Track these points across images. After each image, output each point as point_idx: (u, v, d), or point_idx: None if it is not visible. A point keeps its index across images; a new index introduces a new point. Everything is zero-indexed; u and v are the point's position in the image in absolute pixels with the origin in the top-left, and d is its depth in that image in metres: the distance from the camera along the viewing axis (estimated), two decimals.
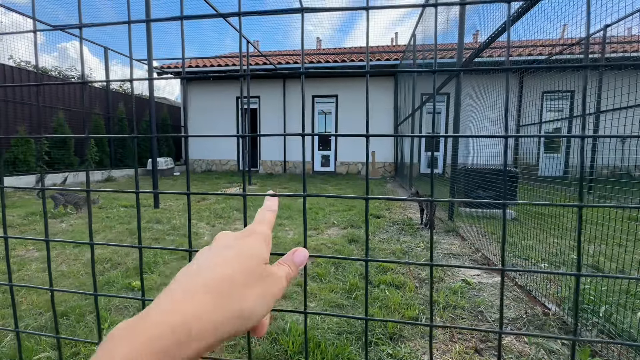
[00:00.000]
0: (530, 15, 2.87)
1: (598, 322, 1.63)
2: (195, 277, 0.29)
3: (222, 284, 0.29)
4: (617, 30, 5.25)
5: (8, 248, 0.60)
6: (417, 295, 2.16)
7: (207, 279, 0.29)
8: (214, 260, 0.31)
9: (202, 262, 0.31)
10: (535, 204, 0.38)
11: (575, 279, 0.36)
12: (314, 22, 15.60)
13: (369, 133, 0.39)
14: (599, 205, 0.34)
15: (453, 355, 1.54)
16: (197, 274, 0.29)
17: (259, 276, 0.32)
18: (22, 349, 1.55)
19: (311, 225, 4.00)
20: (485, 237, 3.45)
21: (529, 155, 5.70)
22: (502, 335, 0.37)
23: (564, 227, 2.84)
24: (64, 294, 2.06)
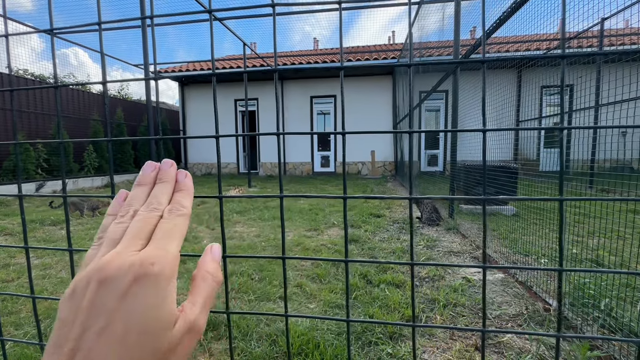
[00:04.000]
0: (526, 9, 2.85)
1: (599, 316, 1.61)
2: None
3: None
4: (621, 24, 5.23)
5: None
6: (417, 293, 2.15)
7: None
8: (86, 344, 0.21)
9: (63, 341, 0.21)
10: (516, 199, 0.37)
11: (558, 274, 0.35)
12: (311, 23, 15.62)
13: (344, 130, 0.39)
14: (580, 199, 0.33)
15: (453, 353, 1.53)
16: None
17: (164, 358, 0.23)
18: (23, 356, 1.54)
19: (311, 226, 3.99)
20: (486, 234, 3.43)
21: (529, 151, 5.69)
22: (485, 333, 0.36)
23: (565, 222, 2.82)
24: None
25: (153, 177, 0.32)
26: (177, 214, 0.29)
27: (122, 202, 0.31)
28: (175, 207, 0.30)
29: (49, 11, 0.42)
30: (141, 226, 0.28)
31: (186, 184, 0.32)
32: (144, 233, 0.27)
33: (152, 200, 0.30)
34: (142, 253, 0.25)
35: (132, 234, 0.27)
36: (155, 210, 0.29)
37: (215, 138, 0.41)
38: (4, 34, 0.47)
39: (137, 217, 0.28)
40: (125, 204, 0.30)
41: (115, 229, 0.28)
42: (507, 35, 3.89)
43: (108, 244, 0.27)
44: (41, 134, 7.84)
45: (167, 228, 0.28)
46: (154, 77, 0.42)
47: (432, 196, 0.36)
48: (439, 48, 6.19)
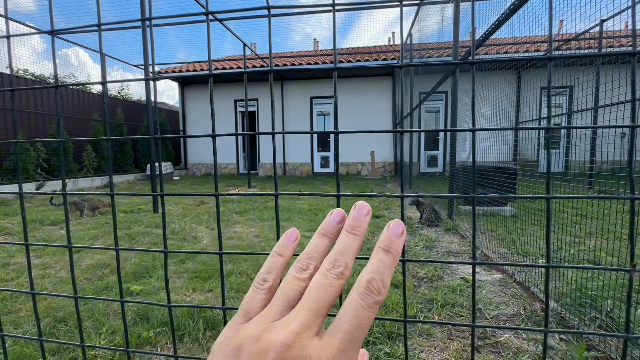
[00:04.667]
0: (525, 11, 2.86)
1: (597, 317, 1.62)
2: None
3: None
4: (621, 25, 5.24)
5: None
6: (415, 294, 2.15)
7: None
8: None
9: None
10: (507, 196, 0.38)
11: (546, 271, 0.36)
12: (312, 24, 15.64)
13: (338, 130, 0.40)
14: (567, 197, 0.34)
15: (451, 353, 1.53)
16: None
17: None
18: (22, 355, 1.55)
19: (310, 226, 4.00)
20: (484, 235, 3.44)
21: (528, 152, 5.69)
22: (474, 329, 0.37)
23: (563, 223, 2.83)
24: (61, 300, 2.06)
25: (339, 228, 0.28)
26: (375, 299, 0.24)
27: (291, 243, 0.29)
28: (375, 282, 0.25)
29: (50, 12, 0.43)
30: (323, 296, 0.24)
31: (397, 245, 0.27)
32: (325, 306, 0.24)
33: (339, 260, 0.26)
34: (324, 351, 0.22)
35: (313, 306, 0.24)
36: (341, 277, 0.25)
37: (212, 137, 0.42)
38: (5, 34, 0.48)
39: (319, 279, 0.25)
40: (306, 255, 0.27)
41: (292, 286, 0.26)
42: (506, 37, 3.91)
43: (281, 301, 0.25)
44: (41, 134, 7.85)
45: (359, 320, 0.23)
46: (152, 78, 0.43)
47: (424, 194, 0.37)
48: (439, 49, 6.21)
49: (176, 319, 1.80)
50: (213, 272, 2.51)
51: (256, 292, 0.26)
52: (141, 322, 1.81)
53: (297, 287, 0.25)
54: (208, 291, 2.24)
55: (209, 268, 2.58)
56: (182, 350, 1.61)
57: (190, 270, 2.58)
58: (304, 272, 0.26)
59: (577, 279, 1.89)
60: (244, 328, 0.24)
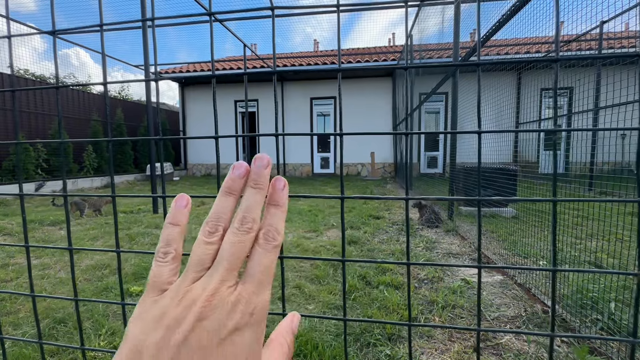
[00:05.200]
0: (525, 12, 2.86)
1: (599, 319, 1.61)
2: None
3: None
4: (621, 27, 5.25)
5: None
6: (416, 295, 2.15)
7: None
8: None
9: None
10: (510, 199, 0.37)
11: (552, 274, 0.36)
12: (312, 24, 15.65)
13: (342, 132, 0.39)
14: (573, 200, 0.33)
15: (452, 354, 1.53)
16: None
17: None
18: (22, 356, 1.54)
19: (310, 227, 3.99)
20: (485, 236, 3.43)
21: (529, 153, 5.69)
22: (479, 333, 0.37)
23: (565, 224, 2.83)
24: (61, 302, 2.06)
25: (243, 184, 0.29)
26: (273, 244, 0.27)
27: (183, 209, 0.29)
28: (270, 232, 0.27)
29: (52, 13, 0.43)
30: (235, 253, 0.25)
31: (283, 198, 0.29)
32: (238, 261, 0.25)
33: (247, 216, 0.27)
34: (241, 295, 0.24)
35: (227, 264, 0.25)
36: (250, 231, 0.26)
37: (214, 139, 0.42)
38: (6, 35, 0.48)
39: (230, 237, 0.26)
40: (213, 217, 0.27)
41: (204, 249, 0.26)
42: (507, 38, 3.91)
43: (195, 268, 0.25)
44: (41, 134, 7.85)
45: (265, 265, 0.26)
46: (154, 79, 0.42)
47: (428, 197, 0.36)
48: (439, 50, 6.21)
49: None
50: None
51: (161, 265, 0.26)
52: None
53: (209, 251, 0.26)
54: None
55: None
56: None
57: None
58: (214, 236, 0.27)
59: (578, 281, 1.89)
60: (162, 298, 0.24)
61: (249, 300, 0.24)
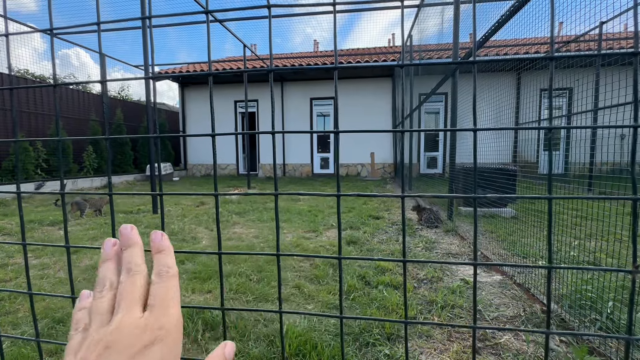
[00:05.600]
0: (525, 13, 2.87)
1: (597, 319, 1.61)
2: None
3: None
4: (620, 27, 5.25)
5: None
6: (415, 295, 2.15)
7: None
8: None
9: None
10: (508, 197, 0.38)
11: (548, 272, 0.36)
12: (312, 25, 15.67)
13: (338, 129, 0.39)
14: (569, 197, 0.33)
15: (451, 354, 1.53)
16: None
17: None
18: (20, 356, 1.54)
19: (310, 227, 4.00)
20: (484, 236, 3.44)
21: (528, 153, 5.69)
22: (476, 330, 0.37)
23: (563, 224, 2.83)
24: (60, 301, 2.06)
25: (116, 250, 0.31)
26: (167, 276, 0.29)
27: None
28: (161, 269, 0.29)
29: (49, 11, 0.43)
30: (130, 290, 0.27)
31: (164, 244, 0.31)
32: (137, 296, 0.27)
33: (130, 265, 0.29)
34: (149, 320, 0.26)
35: (127, 299, 0.27)
36: (137, 273, 0.29)
37: (211, 137, 0.42)
38: (4, 33, 0.48)
39: (122, 284, 0.28)
40: (98, 282, 0.29)
41: (99, 304, 0.27)
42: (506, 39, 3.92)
43: (98, 318, 0.26)
44: (41, 134, 7.85)
45: (162, 293, 0.28)
46: (151, 77, 0.42)
47: (424, 194, 0.37)
48: (439, 51, 6.21)
49: None
50: (212, 273, 2.51)
51: (74, 338, 0.27)
52: None
53: (104, 302, 0.28)
54: (207, 292, 2.23)
55: (208, 269, 2.57)
56: (181, 351, 1.60)
57: (190, 271, 2.57)
58: (103, 291, 0.28)
59: (576, 280, 1.89)
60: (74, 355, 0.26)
61: (156, 321, 0.26)
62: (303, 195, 0.40)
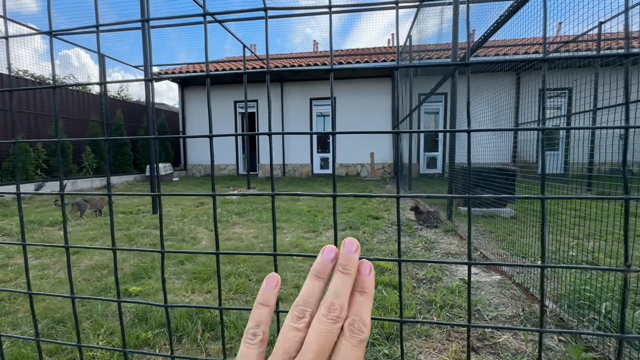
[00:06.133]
0: (524, 13, 2.87)
1: (595, 318, 1.62)
2: None
3: None
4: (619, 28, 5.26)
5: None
6: (414, 295, 2.15)
7: None
8: None
9: None
10: (501, 197, 0.38)
11: (541, 271, 0.36)
12: (312, 25, 15.68)
13: (334, 131, 0.40)
14: (561, 197, 0.34)
15: (450, 354, 1.53)
16: None
17: None
18: (20, 356, 1.55)
19: (309, 227, 4.00)
20: (483, 236, 3.44)
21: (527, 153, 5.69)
22: (471, 328, 0.37)
23: (562, 224, 2.83)
24: (60, 301, 2.06)
25: (332, 267, 0.29)
26: (359, 338, 0.26)
27: (272, 290, 0.30)
28: (356, 323, 0.26)
29: (48, 13, 0.43)
30: (322, 344, 0.25)
31: (370, 285, 0.28)
32: (325, 352, 0.25)
33: (335, 303, 0.27)
34: None
35: (313, 355, 0.25)
36: (338, 321, 0.26)
37: (209, 138, 0.43)
38: (4, 35, 0.48)
39: (317, 325, 0.26)
40: (302, 301, 0.28)
41: (292, 336, 0.26)
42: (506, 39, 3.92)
43: (283, 357, 0.26)
44: (41, 135, 7.85)
45: None
46: (150, 78, 0.43)
47: (419, 194, 0.37)
48: (438, 51, 6.23)
49: (175, 320, 1.79)
50: (212, 273, 2.51)
51: (249, 347, 0.27)
52: (140, 323, 1.81)
53: (296, 338, 0.26)
54: (207, 292, 2.24)
55: (208, 269, 2.58)
56: (180, 351, 1.61)
57: (189, 271, 2.58)
58: (301, 321, 0.27)
59: (575, 280, 1.89)
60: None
61: None
62: (300, 195, 0.41)
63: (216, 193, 0.42)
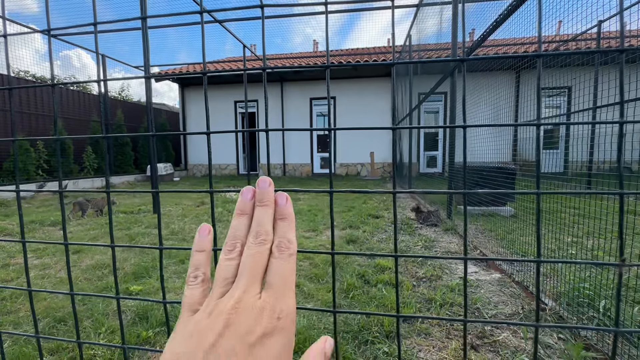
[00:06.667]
0: (524, 11, 2.86)
1: (595, 316, 1.62)
2: None
3: None
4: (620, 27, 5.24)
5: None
6: (414, 293, 2.16)
7: None
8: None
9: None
10: (497, 192, 0.38)
11: (537, 265, 0.36)
12: (312, 25, 15.65)
13: (333, 127, 0.40)
14: (556, 192, 0.34)
15: (449, 352, 1.54)
16: None
17: None
18: (22, 354, 1.55)
19: (310, 227, 4.00)
20: (483, 235, 3.44)
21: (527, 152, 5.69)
22: (466, 324, 0.37)
23: (561, 222, 2.83)
24: (61, 300, 2.07)
25: (253, 204, 0.31)
26: (288, 253, 0.28)
27: (206, 236, 0.31)
28: (282, 242, 0.29)
29: (47, 11, 0.44)
30: (254, 264, 0.27)
31: (288, 211, 0.31)
32: (259, 271, 0.27)
33: (260, 230, 0.29)
34: (266, 302, 0.25)
35: (248, 274, 0.27)
36: (265, 243, 0.29)
37: (206, 135, 0.43)
38: (2, 34, 0.49)
39: (247, 251, 0.28)
40: (230, 237, 0.30)
41: (226, 266, 0.28)
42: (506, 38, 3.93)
43: (221, 284, 0.27)
44: (42, 134, 7.87)
45: (282, 273, 0.27)
46: (148, 76, 0.43)
47: (415, 190, 0.37)
48: (438, 50, 6.22)
49: (175, 319, 1.80)
50: (212, 272, 2.51)
51: (192, 288, 0.29)
52: (140, 322, 1.82)
53: (231, 267, 0.28)
54: None
55: None
56: None
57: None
58: (232, 252, 0.29)
59: (574, 278, 1.90)
60: (194, 316, 0.26)
61: (274, 306, 0.25)
62: (297, 191, 0.41)
63: (213, 190, 0.42)
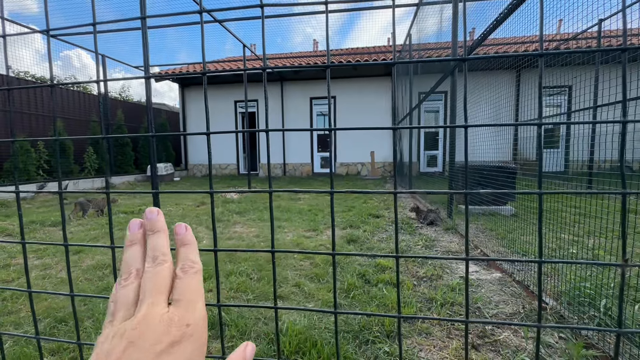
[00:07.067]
0: (524, 10, 2.86)
1: (596, 315, 1.62)
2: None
3: None
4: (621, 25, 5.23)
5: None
6: (415, 293, 2.16)
7: None
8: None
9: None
10: (498, 192, 0.38)
11: (538, 266, 0.36)
12: (313, 25, 15.63)
13: (333, 127, 0.40)
14: (557, 192, 0.34)
15: (450, 351, 1.53)
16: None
17: None
18: (22, 355, 1.55)
19: (310, 226, 4.00)
20: (484, 234, 3.44)
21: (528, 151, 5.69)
22: (468, 324, 0.37)
23: (562, 222, 2.83)
24: (62, 301, 2.07)
25: (142, 233, 0.31)
26: (192, 271, 0.29)
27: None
28: (186, 264, 0.29)
29: (45, 11, 0.43)
30: (157, 280, 0.27)
31: (188, 238, 0.31)
32: (164, 288, 0.27)
33: (156, 254, 0.29)
34: (174, 314, 0.25)
35: (153, 290, 0.26)
36: (164, 262, 0.28)
37: (206, 135, 0.43)
38: (1, 34, 0.48)
39: (147, 273, 0.28)
40: (123, 267, 0.29)
41: (125, 292, 0.27)
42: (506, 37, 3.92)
43: (122, 308, 0.26)
44: (42, 135, 7.87)
45: (189, 289, 0.27)
46: (148, 76, 0.43)
47: (416, 190, 0.37)
48: (438, 49, 6.21)
49: None
50: (213, 272, 2.51)
51: (106, 326, 0.27)
52: None
53: (130, 290, 0.27)
54: (208, 291, 2.24)
55: (209, 268, 2.58)
56: None
57: None
58: (129, 278, 0.28)
59: (575, 277, 1.89)
60: (99, 338, 0.25)
61: (183, 317, 0.25)
62: (297, 192, 0.41)
63: (213, 190, 0.42)
